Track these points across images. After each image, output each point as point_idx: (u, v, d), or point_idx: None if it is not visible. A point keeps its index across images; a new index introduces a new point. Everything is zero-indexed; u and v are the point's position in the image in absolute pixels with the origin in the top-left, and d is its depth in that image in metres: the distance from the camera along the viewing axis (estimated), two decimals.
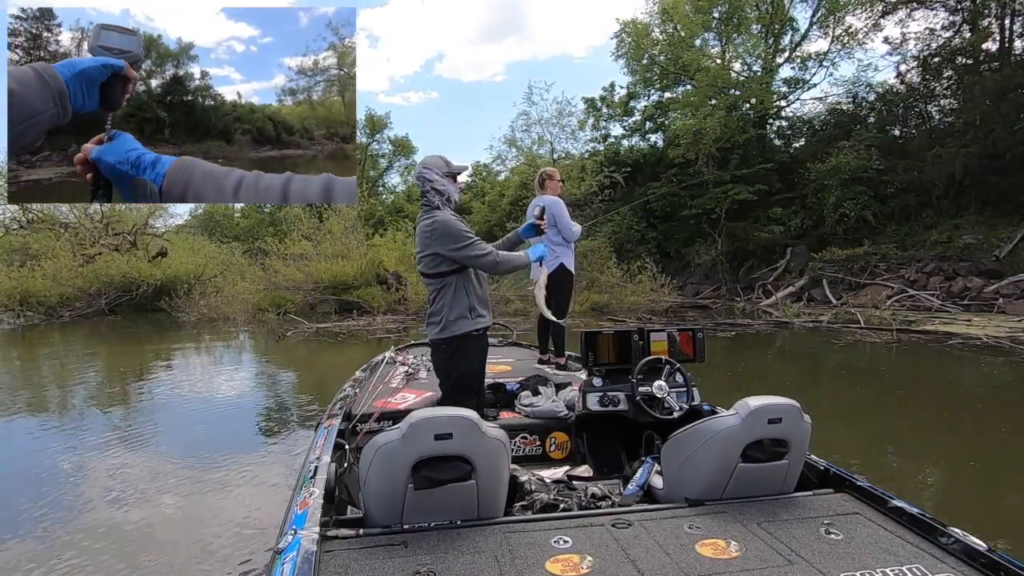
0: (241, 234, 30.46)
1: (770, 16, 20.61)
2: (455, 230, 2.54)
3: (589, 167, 18.87)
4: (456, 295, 2.60)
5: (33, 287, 16.08)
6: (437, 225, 2.55)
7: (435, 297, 2.63)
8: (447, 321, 2.59)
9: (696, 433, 2.03)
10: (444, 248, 2.55)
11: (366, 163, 34.88)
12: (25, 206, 18.41)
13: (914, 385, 6.90)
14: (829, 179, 16.98)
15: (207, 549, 3.02)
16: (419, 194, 2.69)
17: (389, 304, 14.54)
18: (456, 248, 2.54)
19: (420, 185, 2.66)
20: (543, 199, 4.36)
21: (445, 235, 2.54)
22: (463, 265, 2.60)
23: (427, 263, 2.61)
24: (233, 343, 11.85)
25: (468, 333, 2.60)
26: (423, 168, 2.66)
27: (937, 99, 18.50)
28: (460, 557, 1.61)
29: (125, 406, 6.46)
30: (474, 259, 2.58)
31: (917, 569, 1.55)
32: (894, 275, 14.92)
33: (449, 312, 2.59)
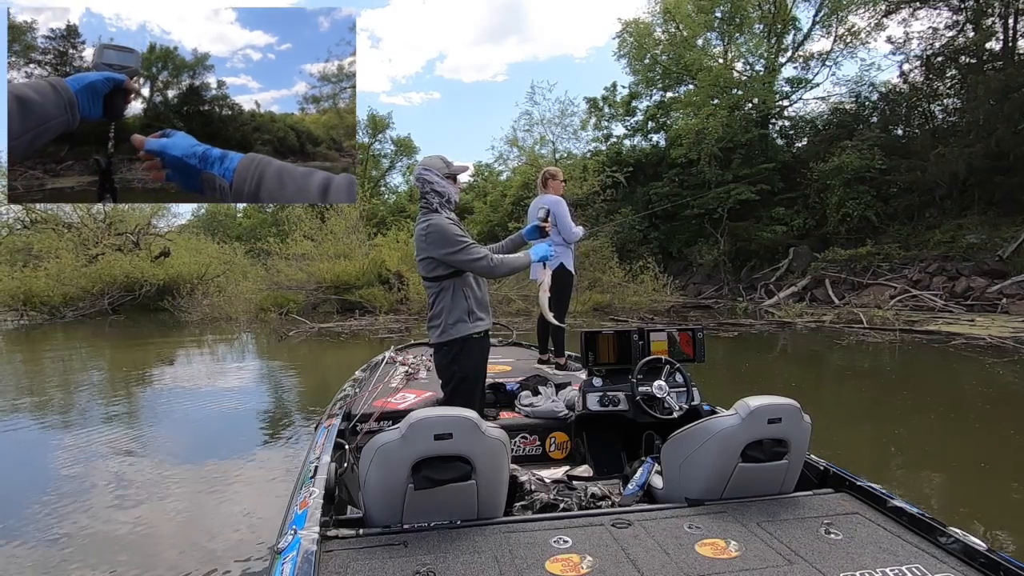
0: (243, 234, 30.53)
1: (772, 16, 20.58)
2: (448, 234, 2.52)
3: (591, 167, 18.88)
4: (454, 299, 2.59)
5: (37, 287, 16.15)
6: (431, 229, 2.54)
7: (434, 301, 2.63)
8: (446, 325, 2.59)
9: (696, 433, 2.03)
10: (437, 252, 2.54)
11: (368, 163, 34.93)
12: (28, 206, 18.48)
13: (920, 386, 6.88)
14: (832, 179, 16.95)
15: (208, 548, 3.03)
16: (419, 195, 2.67)
17: (391, 304, 14.56)
18: (449, 253, 2.53)
19: (420, 186, 2.64)
20: (545, 199, 4.36)
21: (439, 240, 2.53)
22: (459, 269, 2.59)
23: (424, 267, 2.61)
24: (236, 343, 11.88)
25: (467, 336, 2.59)
26: (423, 169, 2.64)
27: (940, 98, 18.45)
28: (460, 557, 1.61)
29: (128, 405, 6.48)
30: (468, 263, 2.56)
31: (917, 569, 1.55)
32: (897, 275, 14.88)
33: (448, 316, 2.58)
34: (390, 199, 35.14)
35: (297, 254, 16.19)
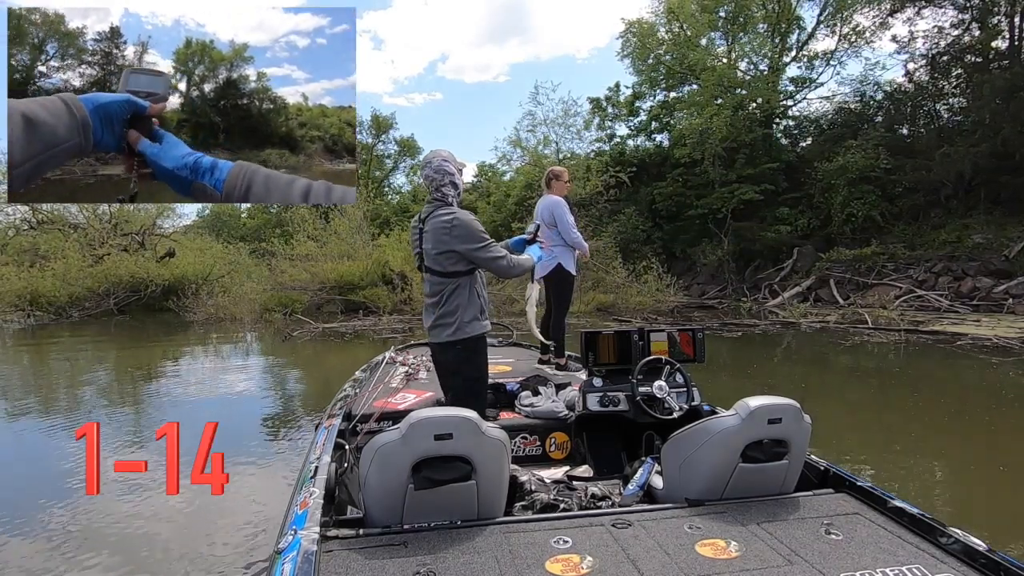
0: (248, 235, 30.64)
1: (776, 15, 20.51)
2: (474, 230, 2.48)
3: (595, 167, 18.86)
4: (470, 296, 2.55)
5: (43, 287, 16.24)
6: (458, 223, 2.46)
7: (447, 297, 2.53)
8: (462, 322, 2.52)
9: (696, 433, 2.02)
10: (462, 247, 2.47)
11: (372, 163, 35.00)
12: (35, 207, 18.59)
13: (928, 386, 6.82)
14: (836, 179, 16.87)
15: (208, 548, 3.04)
16: (432, 188, 2.56)
17: (395, 304, 14.58)
18: (473, 249, 2.47)
19: (437, 178, 2.54)
20: (547, 200, 4.38)
21: (465, 234, 2.46)
22: (475, 266, 2.55)
23: (442, 261, 2.51)
24: (240, 343, 11.93)
25: (481, 335, 2.57)
26: (442, 161, 2.55)
27: (946, 98, 18.36)
28: (460, 557, 1.61)
29: (133, 404, 6.51)
30: (490, 261, 2.51)
31: (917, 569, 1.55)
32: (902, 275, 14.81)
33: (464, 313, 2.53)
34: (393, 199, 35.20)
35: (301, 255, 16.24)
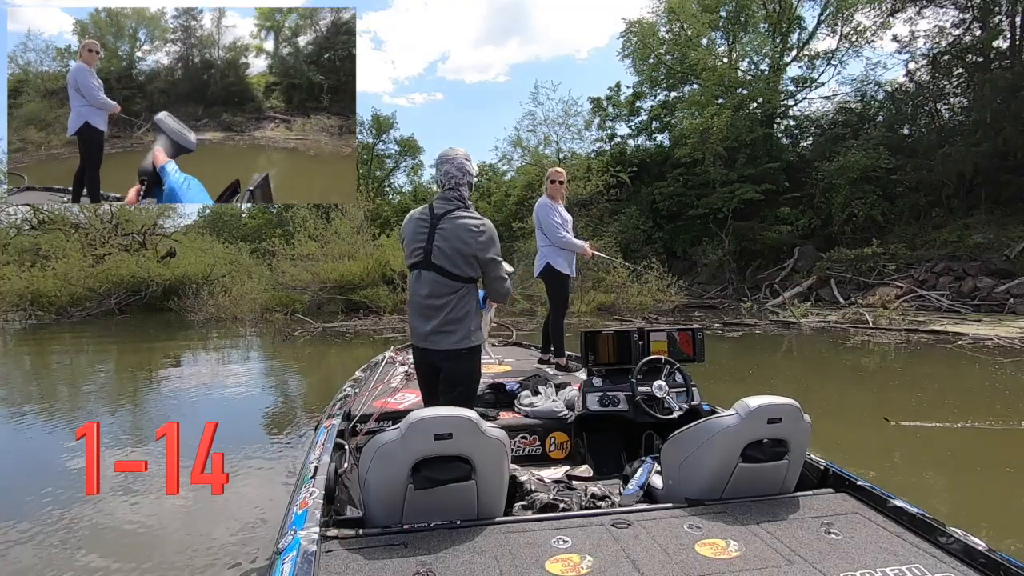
0: (248, 234, 30.63)
1: (777, 15, 20.51)
2: (498, 244, 2.46)
3: (595, 167, 18.86)
4: (475, 305, 2.53)
5: (44, 287, 16.25)
6: (487, 230, 2.42)
7: (457, 302, 2.45)
8: (470, 330, 2.47)
9: (696, 433, 2.03)
10: (484, 255, 2.42)
11: (372, 163, 34.99)
12: (36, 206, 18.60)
13: (931, 386, 6.80)
14: (837, 178, 16.86)
15: (208, 547, 3.04)
16: (449, 184, 2.46)
17: (395, 304, 14.58)
18: (492, 261, 2.44)
19: (458, 176, 2.45)
20: (538, 201, 4.43)
21: (490, 244, 2.43)
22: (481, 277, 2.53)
23: (463, 265, 2.41)
24: (241, 343, 11.93)
25: (480, 344, 2.58)
26: (464, 160, 2.46)
27: (947, 97, 18.34)
28: (460, 557, 1.61)
29: (134, 404, 6.51)
30: (498, 280, 2.50)
31: (917, 569, 1.55)
32: (903, 275, 14.79)
33: (471, 321, 2.49)
34: (394, 199, 35.17)
35: (302, 254, 16.25)
